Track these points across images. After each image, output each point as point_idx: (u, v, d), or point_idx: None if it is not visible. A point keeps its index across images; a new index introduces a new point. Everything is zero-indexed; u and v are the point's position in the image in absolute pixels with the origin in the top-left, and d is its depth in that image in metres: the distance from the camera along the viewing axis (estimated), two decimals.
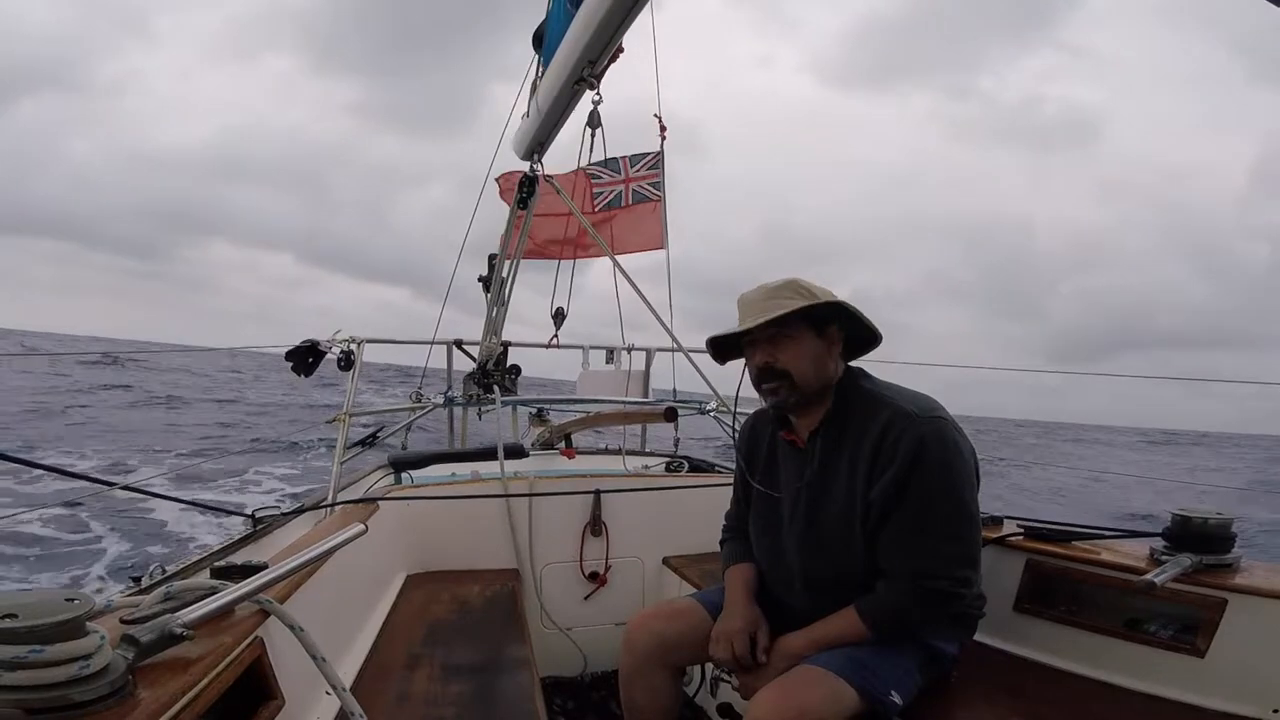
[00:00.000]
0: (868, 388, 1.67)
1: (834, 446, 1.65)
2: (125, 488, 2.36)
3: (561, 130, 3.04)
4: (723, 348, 1.79)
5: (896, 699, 1.48)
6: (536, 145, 3.13)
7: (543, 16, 2.93)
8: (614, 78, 2.53)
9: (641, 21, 2.26)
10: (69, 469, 1.83)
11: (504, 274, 3.77)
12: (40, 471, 1.81)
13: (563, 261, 4.36)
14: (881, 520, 1.55)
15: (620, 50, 2.42)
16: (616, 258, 3.26)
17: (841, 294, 1.66)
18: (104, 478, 2.08)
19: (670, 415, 3.71)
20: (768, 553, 1.81)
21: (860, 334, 1.71)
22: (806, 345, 1.64)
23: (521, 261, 3.81)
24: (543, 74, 2.85)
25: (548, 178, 3.21)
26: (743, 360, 1.77)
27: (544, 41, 2.86)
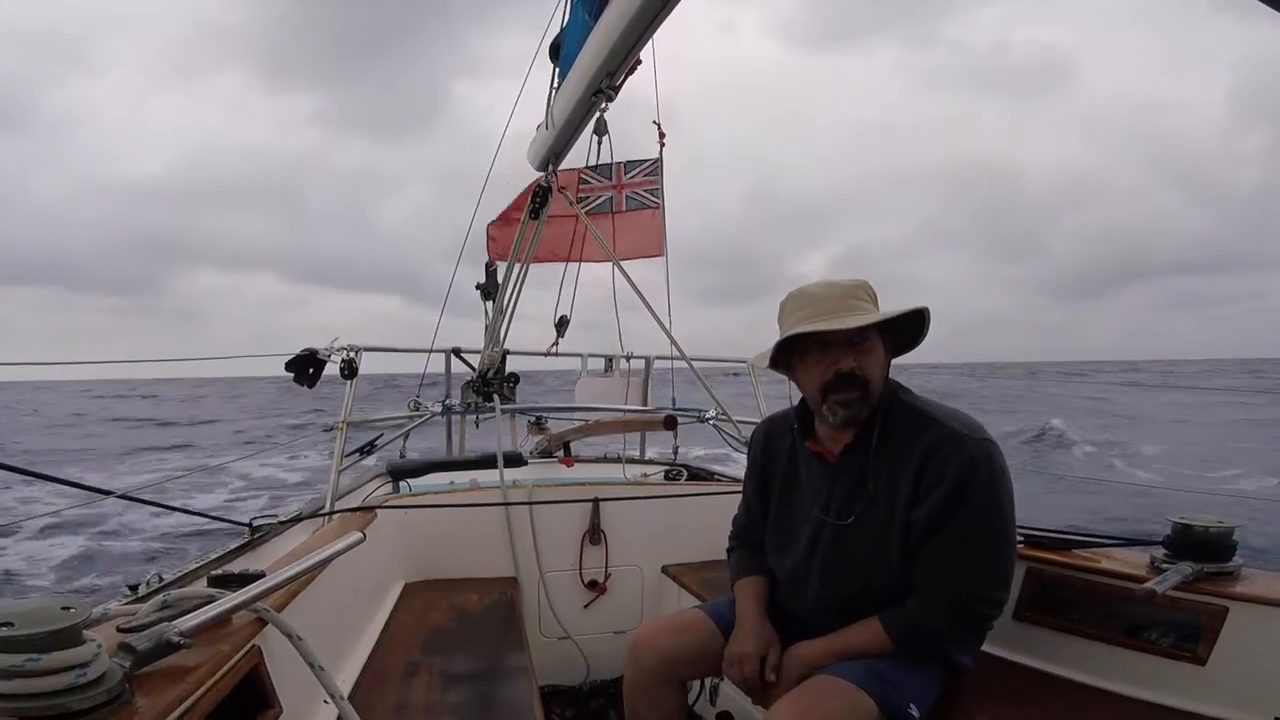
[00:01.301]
0: (909, 402, 1.62)
1: (873, 463, 1.59)
2: (122, 496, 2.34)
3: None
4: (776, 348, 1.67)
5: (915, 712, 1.47)
6: (552, 156, 3.13)
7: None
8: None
9: None
10: (63, 478, 1.82)
11: (510, 284, 3.76)
12: (34, 480, 1.79)
13: (567, 269, 4.35)
14: (921, 540, 1.53)
15: (639, 62, 2.41)
16: (620, 263, 3.26)
17: (836, 253, 1.62)
18: (99, 486, 2.07)
19: (670, 424, 3.70)
20: (785, 567, 1.77)
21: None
22: (879, 354, 1.59)
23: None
24: (559, 85, 2.85)
25: (562, 189, 3.21)
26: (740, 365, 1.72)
27: (561, 53, 2.86)
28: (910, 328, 1.63)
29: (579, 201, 4.45)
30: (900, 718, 1.46)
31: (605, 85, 2.44)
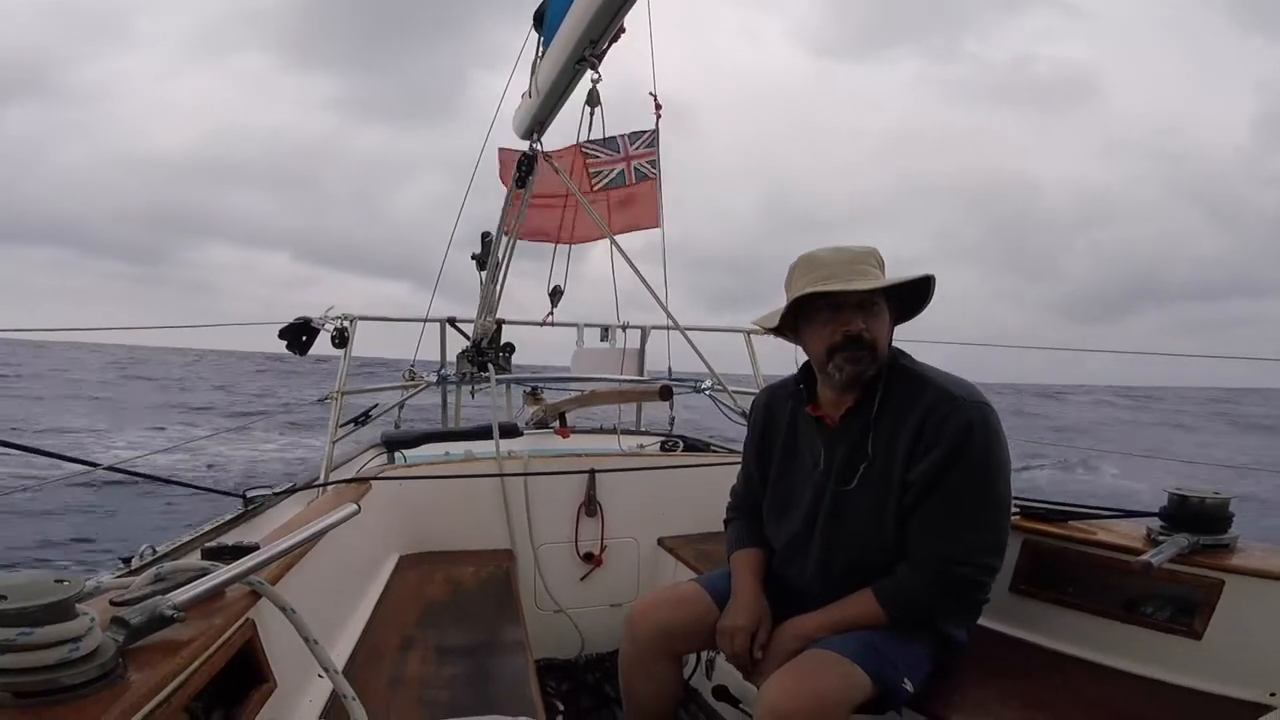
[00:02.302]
0: (909, 367, 1.63)
1: (873, 426, 1.60)
2: (111, 468, 2.31)
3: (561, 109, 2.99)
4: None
5: (909, 686, 1.47)
6: (536, 125, 3.09)
7: None
8: (610, 55, 2.48)
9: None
10: (50, 450, 1.79)
11: (500, 253, 3.72)
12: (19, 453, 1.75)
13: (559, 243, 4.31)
14: (915, 503, 1.53)
15: (623, 30, 2.38)
16: (615, 238, 3.23)
17: None
18: (87, 459, 2.03)
19: (666, 394, 3.68)
20: (784, 534, 1.77)
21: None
22: (886, 320, 1.60)
23: (518, 243, 3.74)
24: (543, 54, 2.80)
25: (547, 156, 3.16)
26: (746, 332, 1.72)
27: (544, 20, 2.81)
28: (914, 297, 1.63)
29: (593, 177, 4.40)
30: (894, 691, 1.46)
31: (588, 53, 2.39)
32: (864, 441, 1.61)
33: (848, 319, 1.56)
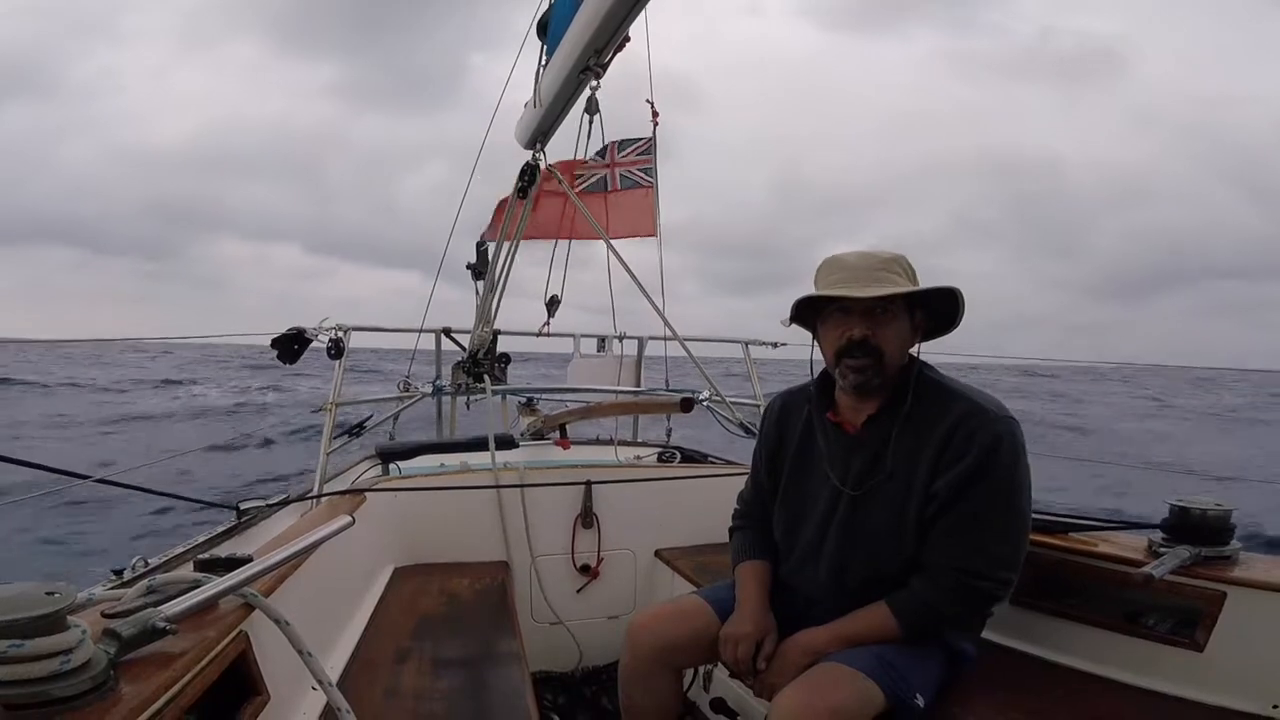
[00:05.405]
0: (936, 379, 1.62)
1: (897, 436, 1.59)
2: (101, 480, 2.28)
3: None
4: (800, 310, 1.67)
5: (920, 701, 1.46)
6: (540, 134, 3.09)
7: None
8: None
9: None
10: (36, 462, 1.76)
11: (499, 261, 3.70)
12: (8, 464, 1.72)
13: (557, 250, 4.30)
14: (937, 515, 1.52)
15: (628, 39, 2.38)
16: (611, 242, 3.24)
17: (868, 243, 1.60)
18: (76, 470, 2.00)
19: (687, 406, 3.59)
20: (796, 542, 1.75)
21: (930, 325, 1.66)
22: (901, 328, 1.59)
23: (520, 245, 3.72)
24: (547, 63, 2.81)
25: (550, 168, 3.16)
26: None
27: (549, 29, 2.82)
28: (945, 311, 1.62)
29: (576, 179, 4.41)
30: (907, 707, 1.44)
31: (593, 63, 2.40)
32: (884, 451, 1.60)
33: (853, 324, 1.57)
